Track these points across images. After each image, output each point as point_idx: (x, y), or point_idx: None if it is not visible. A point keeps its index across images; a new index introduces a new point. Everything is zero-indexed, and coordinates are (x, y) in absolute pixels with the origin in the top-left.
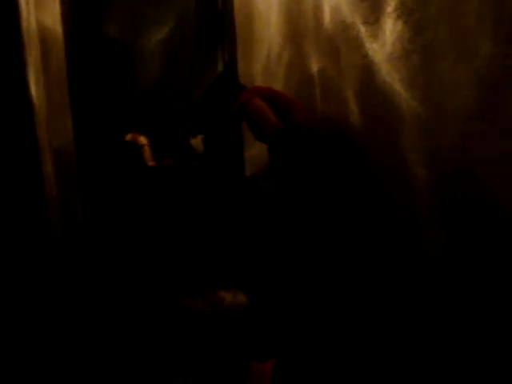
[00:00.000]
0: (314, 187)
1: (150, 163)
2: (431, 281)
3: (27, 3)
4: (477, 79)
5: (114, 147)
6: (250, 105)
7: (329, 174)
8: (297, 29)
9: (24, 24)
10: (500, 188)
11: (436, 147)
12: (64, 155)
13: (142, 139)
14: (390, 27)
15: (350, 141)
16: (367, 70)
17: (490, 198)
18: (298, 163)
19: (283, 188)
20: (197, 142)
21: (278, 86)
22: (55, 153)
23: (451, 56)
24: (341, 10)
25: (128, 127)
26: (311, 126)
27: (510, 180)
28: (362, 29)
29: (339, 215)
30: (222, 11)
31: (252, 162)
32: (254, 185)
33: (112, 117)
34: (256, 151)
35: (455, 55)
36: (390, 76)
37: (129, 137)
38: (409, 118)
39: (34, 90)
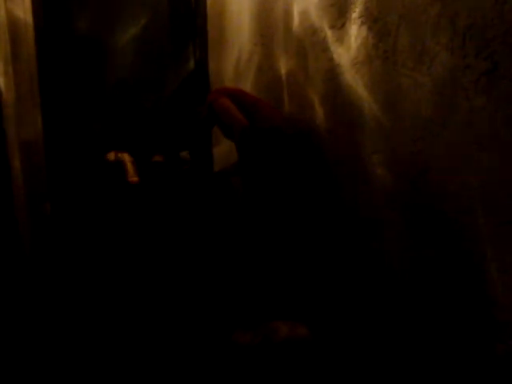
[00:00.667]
0: (277, 183)
1: (134, 179)
2: (391, 275)
3: None
4: (432, 85)
5: (85, 144)
6: (217, 104)
7: (290, 171)
8: (267, 31)
9: None
10: (449, 183)
11: (394, 149)
12: (32, 148)
13: (126, 157)
14: (355, 33)
15: (314, 141)
16: (332, 74)
17: (441, 194)
18: (262, 160)
19: (251, 184)
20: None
21: (247, 86)
22: (23, 145)
23: (410, 63)
24: (309, 14)
25: (103, 137)
26: (275, 125)
27: (458, 176)
28: (329, 33)
29: (299, 212)
30: (194, 10)
31: (220, 158)
32: (224, 180)
33: (82, 110)
34: (224, 147)
35: (414, 62)
36: (354, 80)
37: (111, 156)
38: (370, 121)
39: (1, 81)
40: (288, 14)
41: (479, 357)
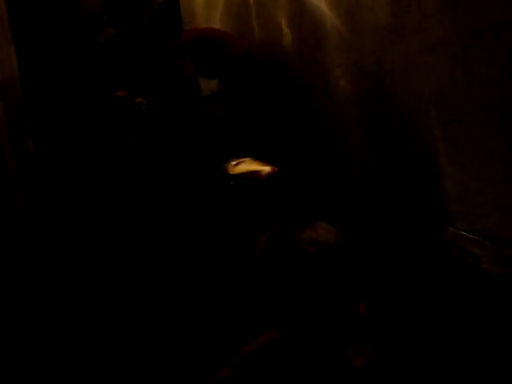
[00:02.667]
0: (253, 107)
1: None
2: (355, 179)
3: None
4: None
5: (63, 81)
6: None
7: (264, 94)
8: None
9: None
10: (406, 88)
11: (356, 60)
12: (9, 86)
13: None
14: None
15: (282, 62)
16: None
17: (398, 99)
18: (240, 84)
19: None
20: None
21: (217, 14)
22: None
23: None
24: None
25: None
26: (247, 51)
27: (414, 81)
28: None
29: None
30: None
31: None
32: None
33: (57, 46)
34: None
35: None
36: None
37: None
38: (333, 35)
39: None
40: None
41: (430, 240)
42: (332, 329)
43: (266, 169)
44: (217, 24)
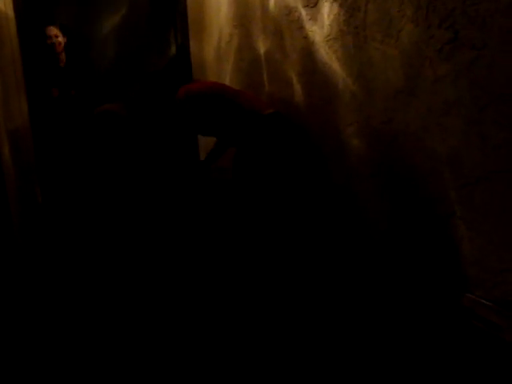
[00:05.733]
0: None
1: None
2: (369, 237)
3: None
4: (400, 56)
5: (72, 131)
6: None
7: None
8: (245, 13)
9: None
10: (418, 148)
11: (367, 119)
12: (20, 138)
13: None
14: (328, 10)
15: (292, 118)
16: (308, 51)
17: (411, 158)
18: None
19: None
20: None
21: (228, 68)
22: (11, 136)
23: (379, 36)
24: None
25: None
26: (256, 108)
27: (426, 142)
28: (303, 12)
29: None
30: None
31: (206, 149)
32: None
33: (68, 100)
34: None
35: (382, 35)
36: (328, 56)
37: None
38: (345, 94)
39: None
40: None
41: (448, 307)
42: None
43: None
44: (227, 78)
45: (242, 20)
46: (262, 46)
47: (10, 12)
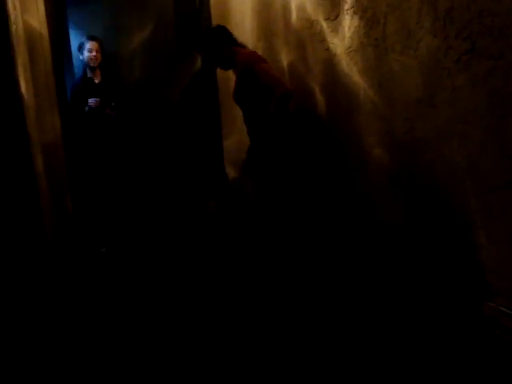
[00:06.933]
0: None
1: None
2: (386, 242)
3: (14, 8)
4: (419, 67)
5: (101, 143)
6: (260, 67)
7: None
8: (268, 26)
9: (13, 27)
10: (438, 157)
11: (388, 129)
12: (53, 151)
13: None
14: (348, 23)
15: (316, 128)
16: (330, 63)
17: (431, 168)
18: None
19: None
20: None
21: None
22: (44, 149)
23: (399, 47)
24: (306, 8)
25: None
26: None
27: (446, 151)
28: (324, 24)
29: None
30: (199, 10)
31: (230, 152)
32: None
33: (98, 113)
34: (234, 141)
35: (402, 46)
36: (349, 67)
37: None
38: (366, 105)
39: (23, 87)
40: (286, 8)
41: (469, 315)
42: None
43: None
44: None
45: (266, 33)
46: (284, 59)
47: (44, 30)
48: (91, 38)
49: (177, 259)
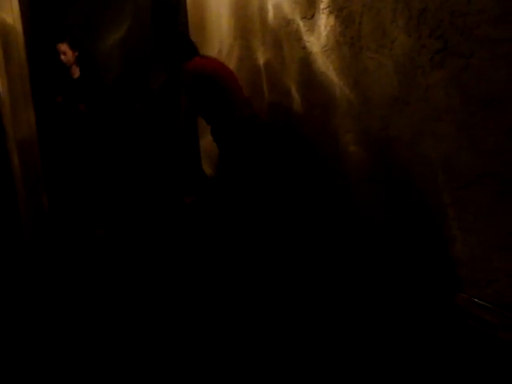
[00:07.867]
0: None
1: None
2: (364, 236)
3: None
4: (394, 66)
5: (76, 138)
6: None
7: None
8: (245, 25)
9: None
10: (412, 154)
11: (364, 127)
12: (28, 147)
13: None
14: (324, 22)
15: (292, 125)
16: (306, 61)
17: (405, 164)
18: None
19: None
20: None
21: None
22: (19, 144)
23: (374, 46)
24: (282, 7)
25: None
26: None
27: (420, 147)
28: (301, 23)
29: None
30: (176, 7)
31: (206, 150)
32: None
33: (73, 108)
34: (210, 140)
35: (377, 45)
36: (326, 65)
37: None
38: (342, 102)
39: None
40: (263, 7)
41: (441, 306)
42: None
43: None
44: None
45: (242, 32)
46: (261, 57)
47: (19, 26)
48: (58, 39)
49: (152, 253)
